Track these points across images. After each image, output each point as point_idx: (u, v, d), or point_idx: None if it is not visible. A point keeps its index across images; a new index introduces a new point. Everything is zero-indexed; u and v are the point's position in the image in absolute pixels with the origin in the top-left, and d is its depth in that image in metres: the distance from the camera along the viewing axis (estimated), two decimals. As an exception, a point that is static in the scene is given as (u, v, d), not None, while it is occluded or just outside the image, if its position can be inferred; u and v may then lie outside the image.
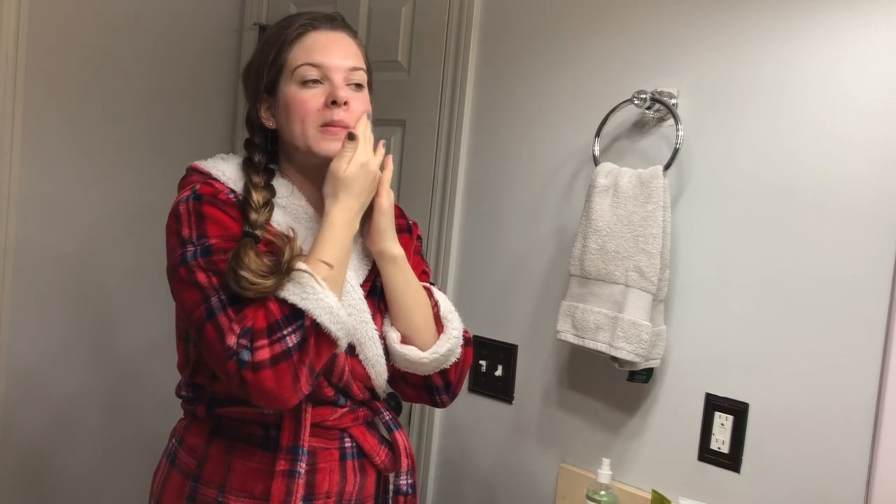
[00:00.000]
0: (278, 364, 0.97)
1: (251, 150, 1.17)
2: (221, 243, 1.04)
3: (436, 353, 1.17)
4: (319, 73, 1.12)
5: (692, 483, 1.46)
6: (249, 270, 0.99)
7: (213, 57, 2.28)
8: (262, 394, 0.98)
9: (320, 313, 0.99)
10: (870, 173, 1.27)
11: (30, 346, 1.95)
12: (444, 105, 1.83)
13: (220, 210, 1.08)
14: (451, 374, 1.21)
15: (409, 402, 1.29)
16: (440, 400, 1.23)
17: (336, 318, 1.01)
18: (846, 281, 1.29)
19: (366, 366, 1.15)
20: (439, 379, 1.20)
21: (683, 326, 1.47)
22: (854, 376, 1.28)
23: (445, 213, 1.83)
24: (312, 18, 1.16)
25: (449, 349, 1.18)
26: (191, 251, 1.04)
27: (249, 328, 0.98)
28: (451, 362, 1.20)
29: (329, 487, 1.14)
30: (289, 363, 0.98)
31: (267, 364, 0.97)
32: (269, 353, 0.97)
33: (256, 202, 1.09)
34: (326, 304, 1.00)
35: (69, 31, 1.95)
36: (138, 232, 2.08)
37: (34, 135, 1.90)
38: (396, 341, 1.17)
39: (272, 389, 0.98)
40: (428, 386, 1.21)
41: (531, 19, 1.70)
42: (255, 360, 0.96)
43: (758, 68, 1.38)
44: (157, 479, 1.21)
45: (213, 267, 1.03)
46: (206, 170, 1.15)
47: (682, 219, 1.46)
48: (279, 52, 1.14)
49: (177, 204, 1.09)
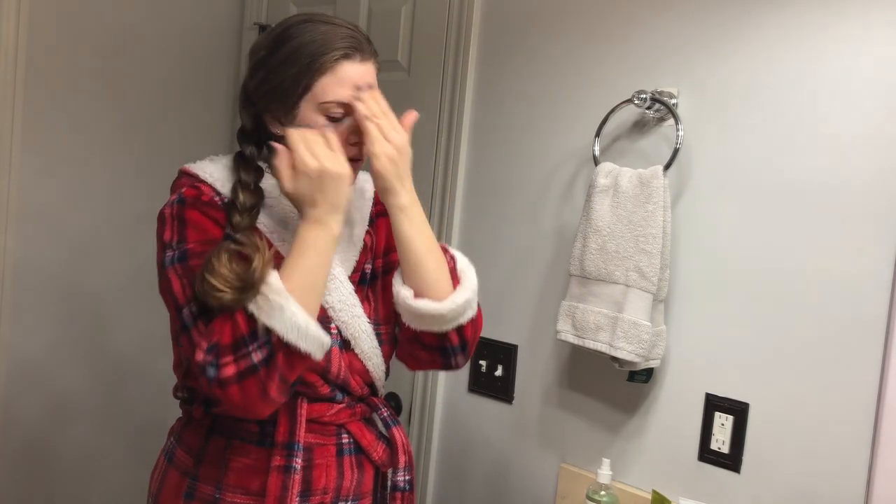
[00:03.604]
0: (244, 380, 0.96)
1: (243, 142, 1.15)
2: (198, 247, 1.04)
3: (454, 303, 1.11)
4: (344, 111, 1.09)
5: (692, 483, 1.46)
6: (219, 277, 0.96)
7: (213, 57, 2.28)
8: (233, 407, 0.98)
9: (287, 331, 0.96)
10: (870, 173, 1.27)
11: (29, 347, 1.95)
12: (444, 105, 1.83)
13: (201, 213, 1.07)
14: (467, 332, 1.14)
15: (420, 368, 1.23)
16: (455, 361, 1.16)
17: (305, 335, 0.98)
18: (846, 281, 1.29)
19: (362, 359, 1.16)
20: (456, 337, 1.14)
21: (683, 326, 1.47)
22: (854, 376, 1.28)
23: (445, 213, 1.83)
24: (349, 47, 1.08)
25: (467, 300, 1.12)
26: (169, 255, 1.05)
27: (215, 344, 0.97)
28: (468, 317, 1.14)
29: (326, 483, 1.14)
30: (255, 379, 0.96)
31: (233, 380, 0.96)
32: (235, 369, 0.96)
33: (242, 204, 1.07)
34: (293, 323, 0.97)
35: (69, 33, 1.95)
36: (137, 234, 2.08)
37: (34, 138, 1.90)
38: (410, 297, 1.12)
39: (240, 404, 0.97)
40: (443, 347, 1.14)
41: (531, 19, 1.70)
42: (221, 377, 0.96)
43: (758, 68, 1.38)
44: (155, 478, 1.21)
45: (187, 273, 1.02)
46: (194, 172, 1.14)
47: (682, 219, 1.46)
48: (310, 77, 1.07)
49: (163, 208, 1.10)
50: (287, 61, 1.08)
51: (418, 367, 1.22)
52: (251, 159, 1.13)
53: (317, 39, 1.08)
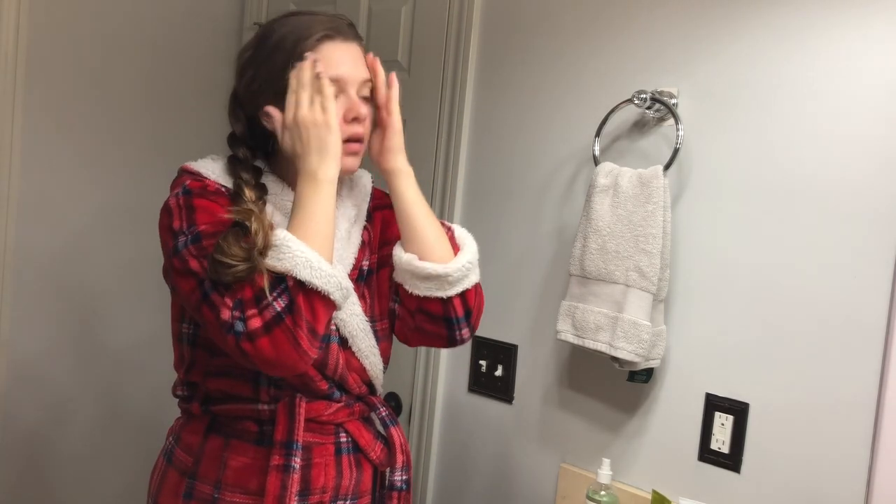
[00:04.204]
0: (272, 331, 0.96)
1: (235, 146, 1.16)
2: (209, 228, 1.04)
3: (458, 263, 1.13)
4: (336, 88, 1.10)
5: (692, 483, 1.46)
6: (229, 256, 0.98)
7: (212, 57, 2.28)
8: (265, 362, 0.98)
9: (300, 270, 0.97)
10: (870, 173, 1.27)
11: (29, 343, 1.95)
12: (444, 105, 1.83)
13: (209, 200, 1.08)
14: (470, 299, 1.16)
15: (423, 343, 1.22)
16: (460, 335, 1.17)
17: (318, 272, 0.98)
18: (846, 281, 1.29)
19: (359, 357, 1.16)
20: (460, 305, 1.15)
21: (683, 326, 1.47)
22: (854, 376, 1.28)
23: (445, 213, 1.83)
24: (329, 28, 1.13)
25: (469, 261, 1.15)
26: (182, 241, 1.05)
27: (239, 300, 0.98)
28: (471, 282, 1.15)
29: (325, 482, 1.14)
30: (282, 328, 0.96)
31: (261, 332, 0.96)
32: (261, 321, 0.96)
33: (249, 197, 1.08)
34: (304, 259, 0.98)
35: (69, 33, 1.95)
36: (137, 231, 2.08)
37: (33, 135, 1.90)
38: (415, 259, 1.13)
39: (272, 357, 0.97)
40: (447, 318, 1.15)
41: (531, 19, 1.70)
42: (249, 329, 0.96)
43: (758, 68, 1.38)
44: (154, 478, 1.21)
45: (203, 252, 1.03)
46: (195, 170, 1.15)
47: (682, 219, 1.46)
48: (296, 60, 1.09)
49: (167, 200, 1.10)
50: (272, 53, 1.12)
51: (421, 342, 1.22)
52: (246, 160, 1.14)
53: (298, 27, 1.12)
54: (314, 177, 1.04)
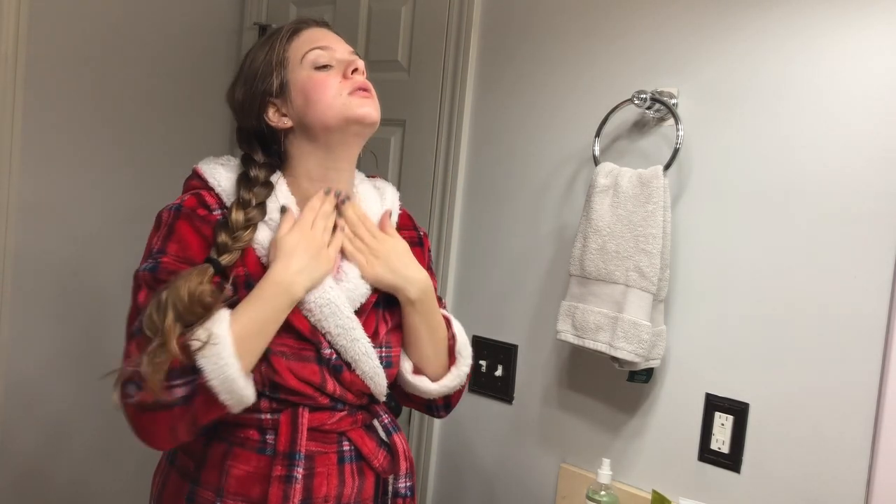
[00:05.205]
0: (157, 412, 0.97)
1: (248, 165, 1.16)
2: (172, 265, 1.05)
3: (445, 387, 1.22)
4: (328, 57, 1.14)
5: (692, 483, 1.46)
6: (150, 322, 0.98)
7: (213, 57, 2.28)
8: (135, 432, 1.00)
9: (215, 378, 0.98)
10: (870, 173, 1.27)
11: (29, 350, 1.94)
12: (444, 105, 1.83)
13: (191, 227, 1.08)
14: (452, 399, 1.27)
15: (406, 406, 1.34)
16: (438, 414, 1.29)
17: (231, 386, 0.99)
18: (846, 281, 1.29)
19: (363, 379, 1.14)
20: (441, 401, 1.26)
21: (683, 326, 1.47)
22: (854, 376, 1.28)
23: (445, 213, 1.83)
24: (298, 22, 1.19)
25: (458, 383, 1.24)
26: (147, 263, 1.07)
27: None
28: (457, 388, 1.25)
29: (327, 491, 1.13)
30: (168, 415, 0.98)
31: (148, 407, 0.97)
32: (153, 398, 0.96)
33: (236, 222, 1.08)
34: (226, 372, 0.98)
35: (69, 33, 1.95)
36: (138, 236, 2.03)
37: (33, 138, 1.89)
38: (409, 371, 1.21)
39: (143, 433, 1.00)
40: (428, 405, 1.27)
41: (531, 19, 1.70)
42: (138, 399, 0.97)
43: (758, 68, 1.38)
44: (157, 479, 1.21)
45: (153, 286, 1.03)
46: (205, 177, 1.15)
47: (682, 219, 1.46)
48: (281, 51, 1.15)
49: (164, 208, 1.12)
50: (259, 55, 1.17)
51: (405, 405, 1.33)
52: (255, 181, 1.14)
53: (275, 31, 1.18)
54: (288, 287, 1.05)
